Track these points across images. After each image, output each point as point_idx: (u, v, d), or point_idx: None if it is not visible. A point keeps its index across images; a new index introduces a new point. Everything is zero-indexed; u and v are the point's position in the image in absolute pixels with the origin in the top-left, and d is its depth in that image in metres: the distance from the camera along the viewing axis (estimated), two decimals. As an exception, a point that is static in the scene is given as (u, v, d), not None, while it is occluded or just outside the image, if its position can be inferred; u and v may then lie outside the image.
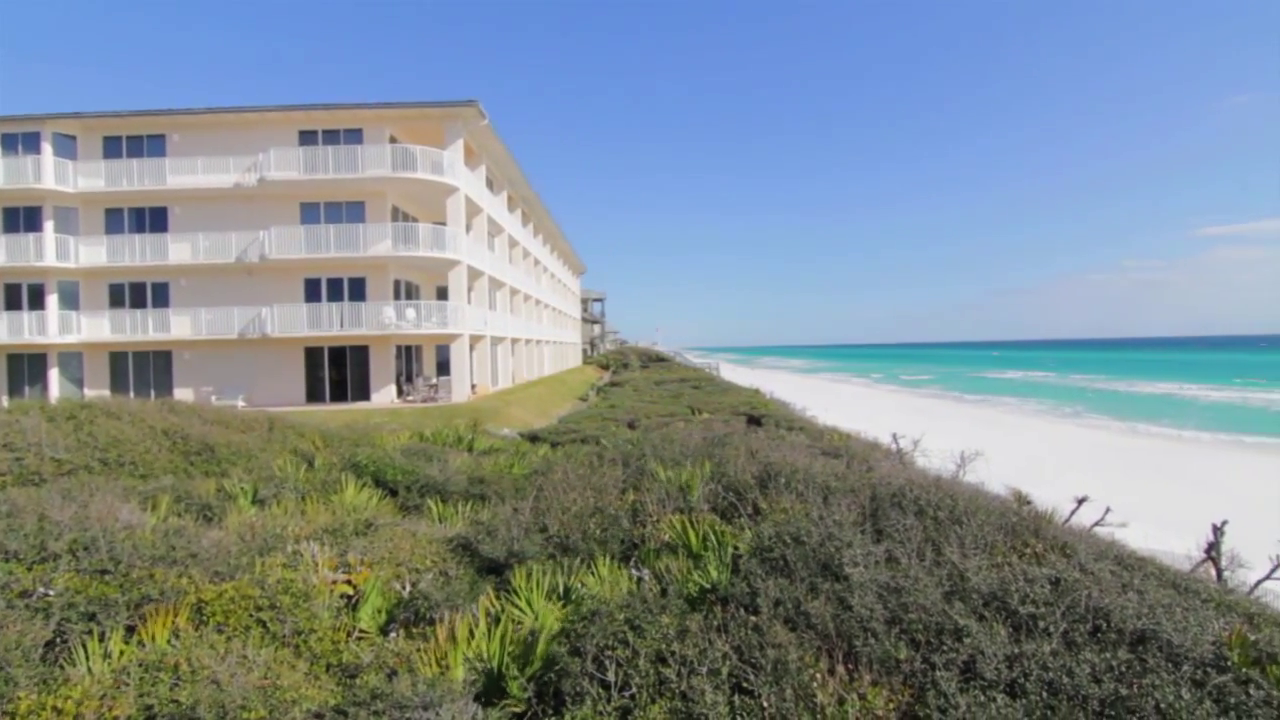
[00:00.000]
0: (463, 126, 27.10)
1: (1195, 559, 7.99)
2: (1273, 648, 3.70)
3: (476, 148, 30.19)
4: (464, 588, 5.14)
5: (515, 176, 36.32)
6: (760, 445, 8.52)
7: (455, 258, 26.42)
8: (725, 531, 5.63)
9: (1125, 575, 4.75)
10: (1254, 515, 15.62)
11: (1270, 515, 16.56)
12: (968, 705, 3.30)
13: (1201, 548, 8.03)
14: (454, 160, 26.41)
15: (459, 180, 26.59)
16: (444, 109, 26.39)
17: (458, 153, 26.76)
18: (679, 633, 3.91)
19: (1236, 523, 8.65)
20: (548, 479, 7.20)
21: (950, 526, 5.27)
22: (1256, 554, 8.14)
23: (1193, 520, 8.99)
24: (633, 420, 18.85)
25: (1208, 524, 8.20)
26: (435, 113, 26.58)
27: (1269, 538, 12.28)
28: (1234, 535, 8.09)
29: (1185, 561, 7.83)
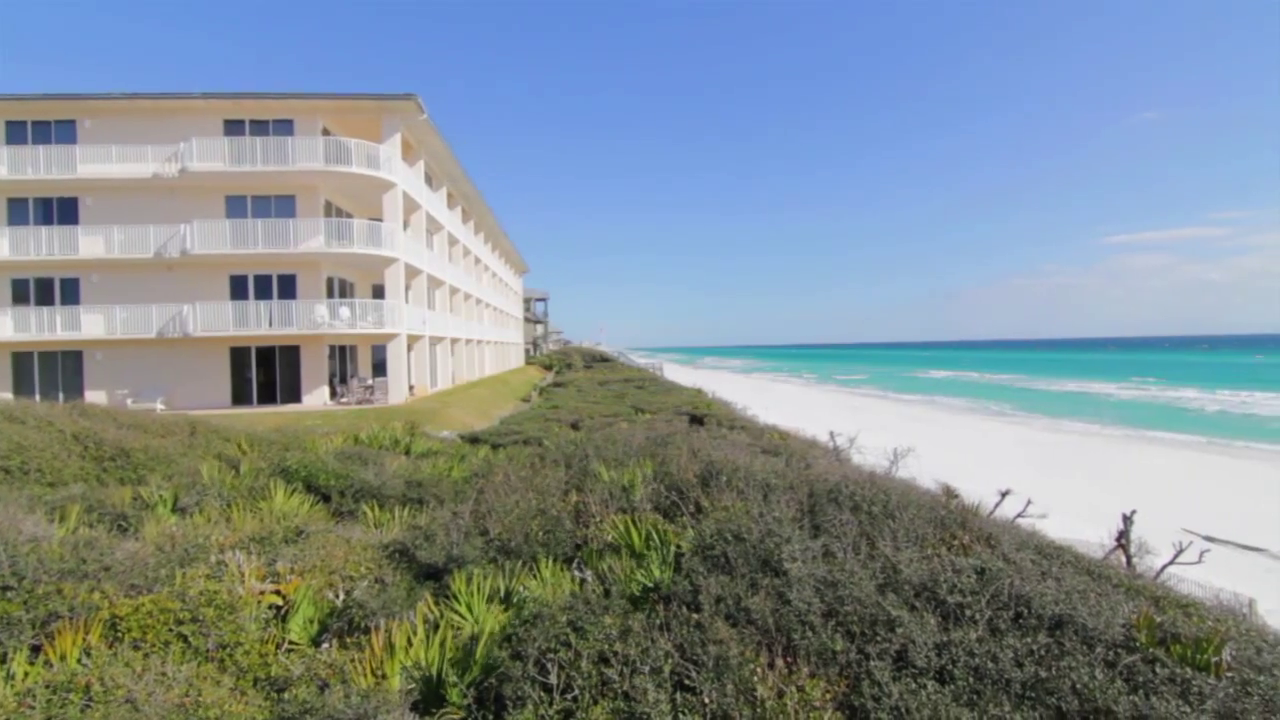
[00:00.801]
0: (400, 120, 26.40)
1: (1107, 547, 8.51)
2: (1176, 628, 3.97)
3: (415, 143, 29.47)
4: (401, 594, 5.01)
5: (455, 173, 35.63)
6: (702, 444, 8.61)
7: (392, 255, 25.71)
8: (668, 530, 5.67)
9: (1045, 564, 5.02)
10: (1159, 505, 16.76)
11: (1173, 505, 17.80)
12: (900, 693, 3.42)
13: (1113, 536, 8.56)
14: (391, 155, 25.69)
15: (396, 175, 25.89)
16: (381, 102, 25.65)
17: (395, 147, 26.05)
18: (622, 632, 3.91)
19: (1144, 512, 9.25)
20: (489, 481, 7.09)
21: (884, 521, 5.46)
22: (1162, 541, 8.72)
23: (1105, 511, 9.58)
24: (576, 421, 18.76)
25: (1118, 514, 8.75)
26: (372, 105, 25.80)
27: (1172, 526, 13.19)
28: (1142, 524, 8.65)
29: (1098, 549, 8.33)
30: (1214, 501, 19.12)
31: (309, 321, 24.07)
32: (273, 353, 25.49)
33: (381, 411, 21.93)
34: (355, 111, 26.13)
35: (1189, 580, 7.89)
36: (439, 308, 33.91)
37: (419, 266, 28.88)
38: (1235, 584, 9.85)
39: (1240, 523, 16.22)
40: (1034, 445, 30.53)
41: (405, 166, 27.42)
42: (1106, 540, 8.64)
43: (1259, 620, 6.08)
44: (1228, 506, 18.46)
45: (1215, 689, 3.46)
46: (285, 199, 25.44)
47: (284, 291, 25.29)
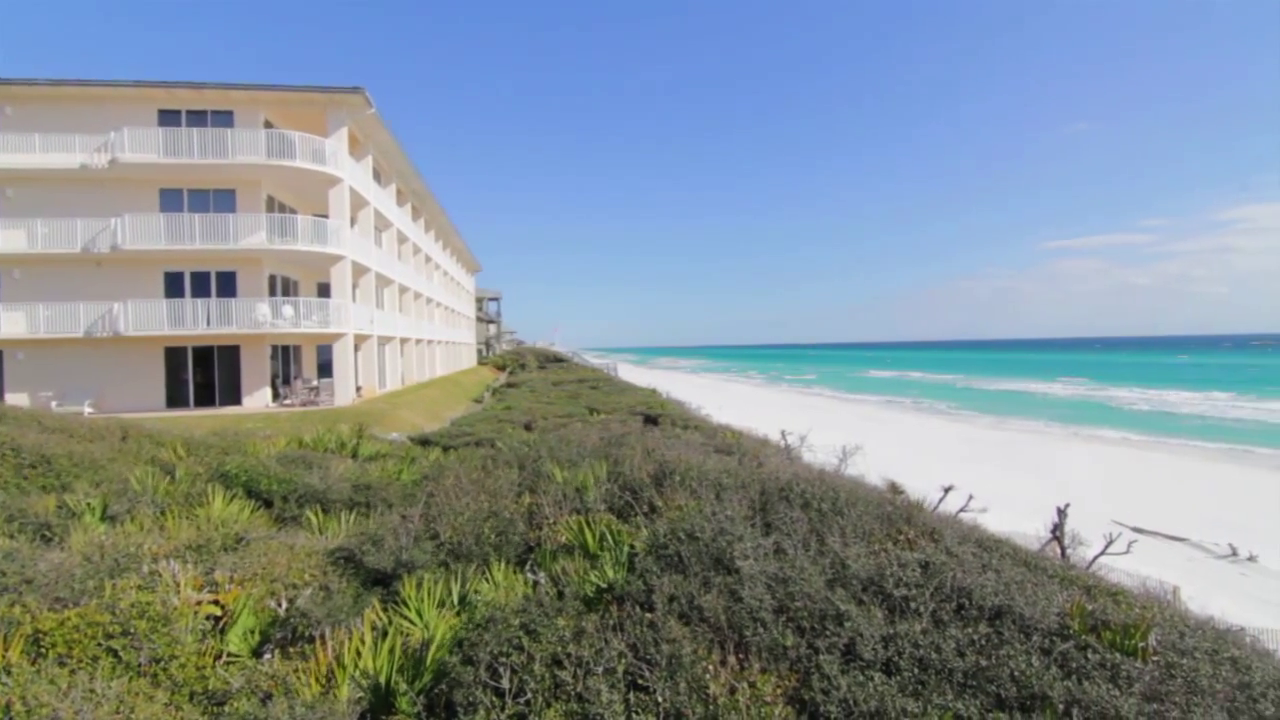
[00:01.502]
0: (347, 114, 25.71)
1: (1043, 539, 8.89)
2: (1106, 616, 4.17)
3: (362, 137, 28.74)
4: (347, 602, 4.88)
5: (405, 169, 34.89)
6: (656, 444, 8.64)
7: (338, 252, 25.02)
8: (622, 531, 5.66)
9: (985, 556, 5.20)
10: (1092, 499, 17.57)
11: (1104, 498, 18.69)
12: (848, 685, 3.49)
13: (1049, 529, 8.95)
14: (337, 149, 24.99)
15: (343, 171, 25.20)
16: (327, 95, 24.92)
17: (341, 141, 25.35)
18: (575, 634, 3.89)
19: (1077, 506, 9.70)
20: (439, 484, 6.96)
21: (833, 517, 5.57)
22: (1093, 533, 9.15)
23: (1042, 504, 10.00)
24: (529, 422, 18.59)
25: (1054, 507, 9.15)
26: (318, 98, 25.05)
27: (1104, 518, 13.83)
28: (1075, 517, 9.07)
29: (1035, 541, 8.70)
30: (1142, 494, 20.17)
31: (250, 320, 23.22)
32: (211, 353, 24.49)
33: (327, 414, 21.31)
34: (300, 104, 25.33)
35: (1119, 569, 8.30)
36: (388, 307, 33.16)
37: (367, 264, 28.18)
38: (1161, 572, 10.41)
39: (1165, 514, 17.15)
40: (975, 442, 31.65)
41: (352, 162, 26.71)
42: (1043, 532, 9.03)
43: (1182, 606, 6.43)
44: (1154, 499, 19.50)
45: (1142, 673, 3.64)
46: (224, 193, 24.47)
47: (223, 289, 24.32)
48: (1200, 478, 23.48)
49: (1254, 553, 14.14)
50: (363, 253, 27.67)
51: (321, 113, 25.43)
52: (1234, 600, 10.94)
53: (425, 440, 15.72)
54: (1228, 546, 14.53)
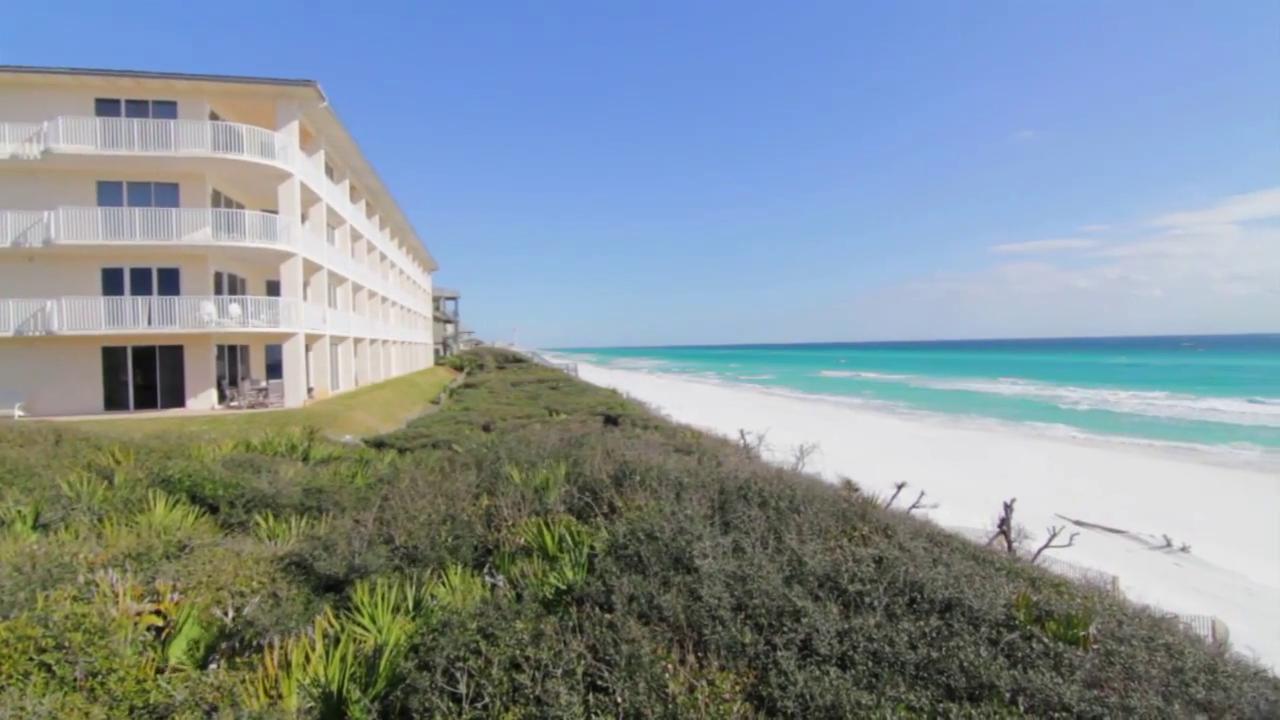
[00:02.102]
0: (298, 108, 24.98)
1: (991, 533, 9.17)
2: (1050, 606, 4.32)
3: (314, 131, 27.98)
4: (298, 609, 4.74)
5: (359, 165, 34.10)
6: (616, 445, 8.63)
7: (288, 249, 24.29)
8: (581, 532, 5.64)
9: (936, 551, 5.34)
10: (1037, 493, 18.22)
11: (1049, 493, 19.38)
12: (805, 681, 3.54)
13: (996, 523, 9.23)
14: (288, 143, 24.27)
15: (293, 165, 24.48)
16: (277, 87, 24.17)
17: (292, 135, 24.63)
18: (534, 637, 3.85)
19: (1023, 500, 10.04)
20: (394, 487, 6.82)
21: (790, 515, 5.65)
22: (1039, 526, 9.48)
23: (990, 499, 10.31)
24: (488, 423, 18.38)
25: (1001, 503, 9.45)
26: (267, 90, 24.27)
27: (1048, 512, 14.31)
28: (1021, 511, 9.38)
29: (984, 536, 8.97)
30: (1083, 489, 20.99)
31: (194, 319, 22.37)
32: (152, 353, 23.50)
33: (277, 416, 20.69)
34: (248, 96, 24.51)
35: (1062, 561, 8.62)
36: (341, 306, 32.35)
37: (319, 262, 27.44)
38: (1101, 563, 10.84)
39: (1105, 508, 17.89)
40: (927, 440, 32.50)
41: (304, 156, 25.98)
42: (991, 527, 9.31)
43: (1121, 595, 6.71)
44: (1095, 493, 20.31)
45: (1084, 660, 3.78)
46: (167, 187, 23.52)
47: (165, 287, 23.36)
48: (1137, 472, 24.57)
49: (1186, 543, 14.85)
50: (314, 250, 26.93)
51: (271, 105, 24.66)
52: (1168, 589, 11.47)
53: (380, 443, 15.40)
54: (1162, 538, 15.23)
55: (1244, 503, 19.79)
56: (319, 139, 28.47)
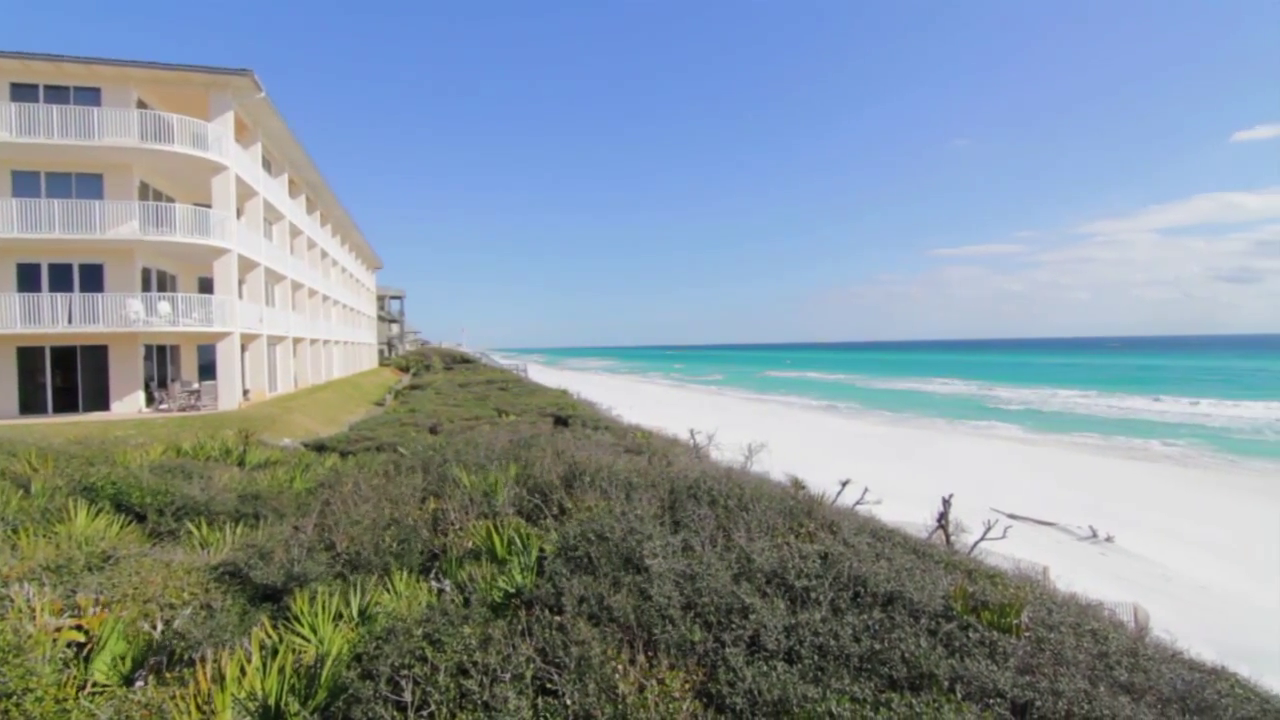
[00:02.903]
0: (233, 98, 23.99)
1: (931, 527, 9.48)
2: (985, 597, 4.49)
3: (251, 123, 26.92)
4: (233, 620, 4.55)
5: (299, 159, 32.98)
6: (566, 445, 8.58)
7: (223, 245, 23.31)
8: (531, 534, 5.58)
9: (879, 546, 5.49)
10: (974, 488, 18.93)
11: (985, 488, 20.15)
12: (753, 676, 3.58)
13: (935, 517, 9.55)
14: (222, 134, 23.28)
15: (228, 158, 23.50)
16: (211, 75, 23.15)
17: (227, 126, 23.63)
18: (482, 641, 3.79)
19: (961, 495, 10.41)
20: (336, 491, 6.62)
21: (739, 513, 5.71)
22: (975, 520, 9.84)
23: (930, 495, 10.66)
24: (435, 425, 18.02)
25: (940, 498, 9.77)
26: (200, 79, 23.22)
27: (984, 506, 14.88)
28: (959, 506, 9.72)
29: (924, 530, 9.27)
30: (1018, 483, 21.91)
31: (120, 318, 21.22)
32: (74, 354, 22.20)
33: (210, 419, 19.82)
34: (179, 84, 23.39)
35: (996, 553, 8.97)
36: (279, 304, 31.21)
37: (255, 259, 26.41)
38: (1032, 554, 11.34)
39: (1037, 501, 18.71)
40: (871, 438, 33.40)
41: (239, 148, 24.96)
42: (931, 521, 9.62)
43: (1051, 585, 7.03)
44: (1028, 487, 21.23)
45: (1016, 648, 3.94)
46: (90, 178, 22.25)
47: (88, 283, 22.09)
48: (1067, 467, 25.78)
49: (1111, 534, 15.66)
50: (251, 246, 25.91)
51: (204, 95, 23.61)
52: (1094, 577, 12.07)
53: (321, 446, 14.92)
54: (1089, 529, 16.01)
55: (1163, 494, 21.00)
56: (256, 131, 27.41)
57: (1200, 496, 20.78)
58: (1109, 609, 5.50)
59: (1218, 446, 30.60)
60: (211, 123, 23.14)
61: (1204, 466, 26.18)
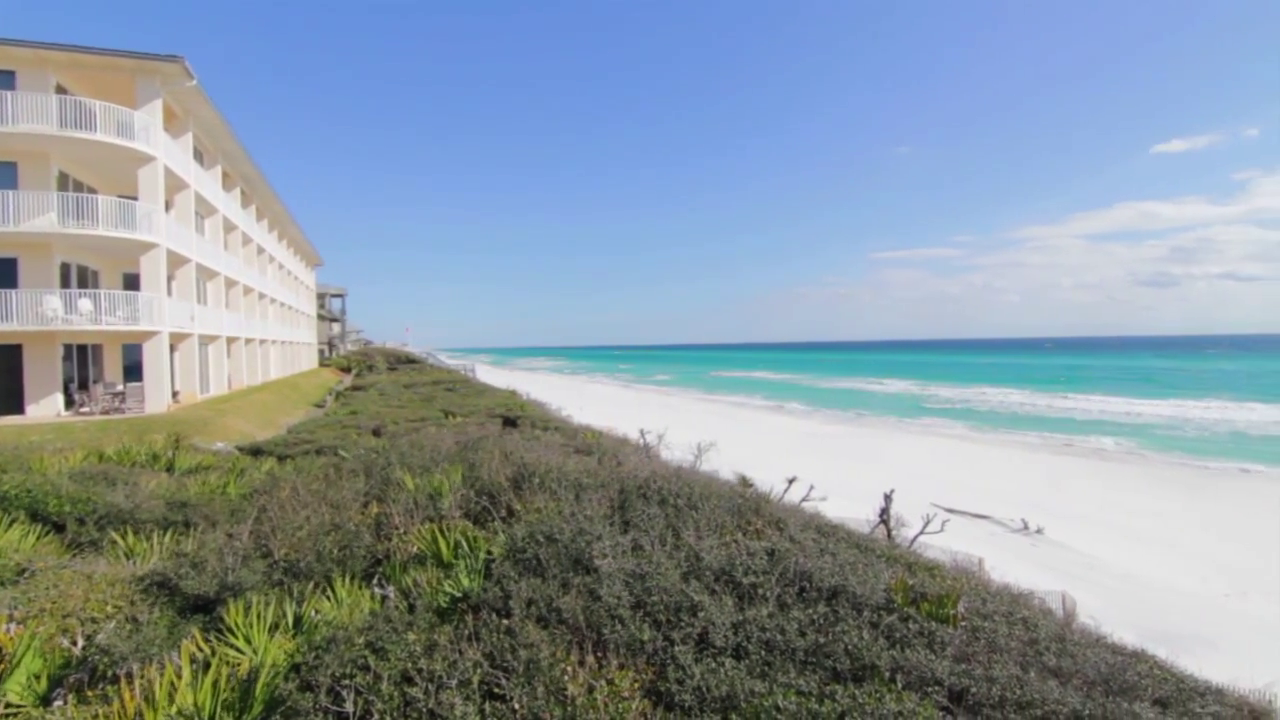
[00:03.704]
0: (162, 85, 22.86)
1: (873, 522, 9.75)
2: (924, 588, 4.64)
3: (182, 112, 25.71)
4: (161, 633, 4.33)
5: (233, 151, 31.66)
6: (515, 447, 8.49)
7: (150, 240, 22.18)
8: (478, 537, 5.50)
9: (824, 541, 5.61)
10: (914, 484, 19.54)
11: (924, 484, 20.83)
12: (701, 674, 3.61)
13: (878, 512, 9.82)
14: (150, 123, 22.16)
15: (156, 148, 22.38)
16: (137, 61, 22.01)
17: (155, 115, 22.50)
18: (427, 648, 3.72)
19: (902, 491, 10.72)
20: (273, 497, 6.38)
21: (688, 512, 5.76)
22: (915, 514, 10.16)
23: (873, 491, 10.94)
24: (378, 426, 17.56)
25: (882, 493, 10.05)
26: (125, 64, 22.04)
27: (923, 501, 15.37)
28: (900, 501, 10.01)
29: (866, 525, 9.52)
30: (955, 478, 22.73)
31: (35, 315, 19.97)
32: (-17, 354, 20.79)
33: (136, 423, 18.85)
34: (103, 69, 22.16)
35: (935, 546, 9.28)
36: (212, 302, 29.90)
37: (186, 254, 25.23)
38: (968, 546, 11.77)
39: (972, 495, 19.45)
40: (817, 436, 34.14)
41: (168, 138, 23.79)
42: (873, 516, 9.89)
43: (986, 576, 7.31)
44: (964, 482, 22.05)
45: (953, 637, 4.09)
46: (3, 166, 20.87)
47: (1, 279, 20.73)
48: (1000, 462, 26.89)
49: (1041, 526, 16.40)
50: (181, 241, 24.74)
51: (130, 81, 22.42)
52: (1026, 567, 12.61)
53: (257, 450, 14.36)
54: (1021, 521, 16.74)
55: (1089, 488, 22.11)
56: (187, 120, 26.21)
57: (1123, 489, 21.98)
58: (1039, 597, 5.77)
59: (1140, 441, 32.43)
60: (138, 110, 22.01)
61: (1126, 460, 27.71)
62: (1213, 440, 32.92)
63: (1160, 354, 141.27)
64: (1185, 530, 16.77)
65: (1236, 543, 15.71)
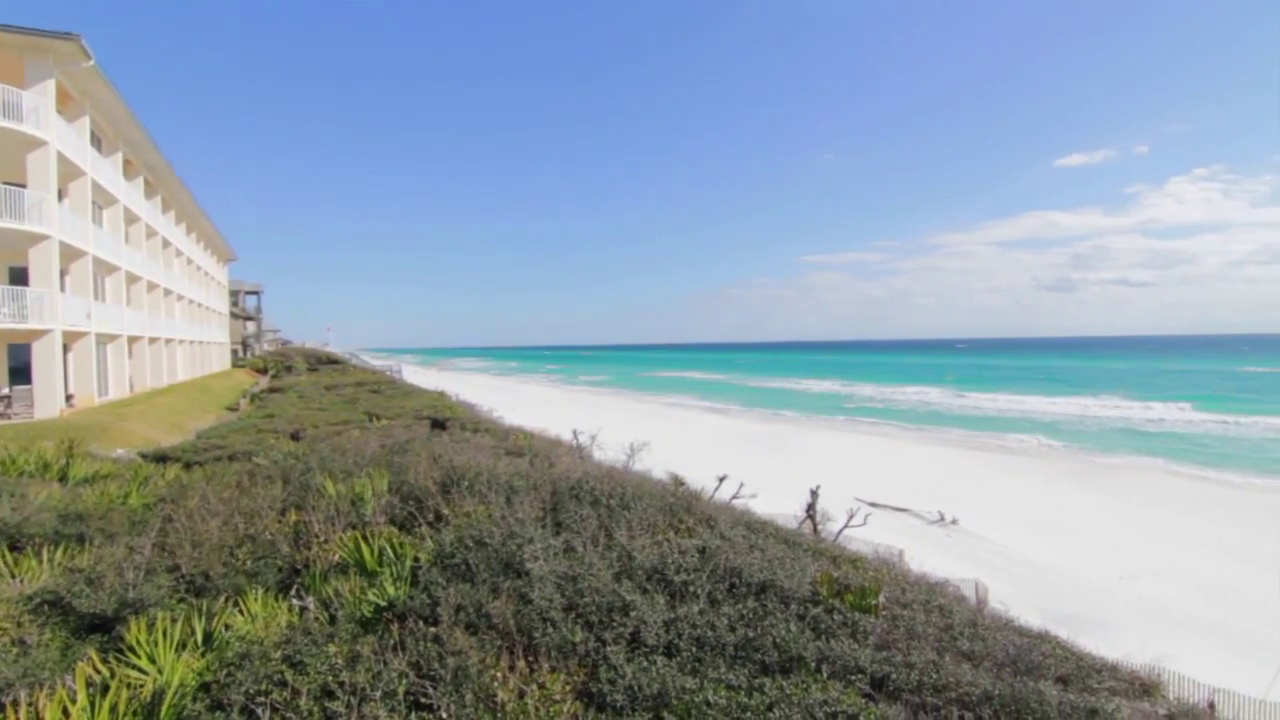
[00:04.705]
0: (55, 64, 21.15)
1: (800, 517, 10.02)
2: (848, 580, 4.80)
3: (78, 95, 23.86)
4: (53, 656, 4.01)
5: (136, 138, 29.62)
6: (444, 449, 8.30)
7: (40, 230, 20.50)
8: (405, 543, 5.34)
9: (753, 537, 5.73)
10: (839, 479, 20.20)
11: (849, 479, 21.57)
12: (633, 673, 3.62)
13: (804, 508, 10.10)
14: (40, 105, 20.47)
15: (48, 132, 20.69)
16: (26, 38, 20.28)
17: (46, 97, 20.81)
18: (349, 660, 3.58)
19: (828, 486, 11.08)
20: (180, 506, 6.01)
21: (621, 512, 5.76)
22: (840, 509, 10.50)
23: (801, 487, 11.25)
24: (297, 430, 16.81)
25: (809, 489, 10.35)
26: (13, 40, 20.27)
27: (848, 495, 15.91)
28: (826, 496, 10.34)
29: (794, 520, 9.78)
30: (877, 473, 23.64)
31: (-95, 313, 18.14)
32: None
33: (24, 429, 17.38)
34: (-16, 45, 20.35)
35: (858, 539, 9.63)
36: (111, 299, 27.87)
37: (81, 247, 23.43)
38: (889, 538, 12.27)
39: (893, 489, 20.28)
40: (748, 434, 34.85)
41: (62, 122, 22.03)
42: (800, 512, 10.17)
43: (905, 566, 7.63)
44: (886, 476, 22.97)
45: (875, 626, 4.25)
46: None
47: None
48: (920, 457, 28.16)
49: (956, 517, 17.27)
50: (75, 233, 22.96)
51: (19, 59, 20.64)
52: (942, 557, 13.25)
53: (163, 456, 13.49)
54: (938, 513, 17.59)
55: (1002, 480, 23.44)
56: (83, 103, 24.35)
57: (1031, 481, 23.40)
58: (954, 585, 6.07)
59: (1047, 436, 34.60)
60: (27, 91, 20.30)
61: (1034, 455, 29.51)
62: (1111, 435, 35.49)
63: (1062, 355, 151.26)
64: (1086, 519, 18.01)
65: (1130, 530, 17.00)
